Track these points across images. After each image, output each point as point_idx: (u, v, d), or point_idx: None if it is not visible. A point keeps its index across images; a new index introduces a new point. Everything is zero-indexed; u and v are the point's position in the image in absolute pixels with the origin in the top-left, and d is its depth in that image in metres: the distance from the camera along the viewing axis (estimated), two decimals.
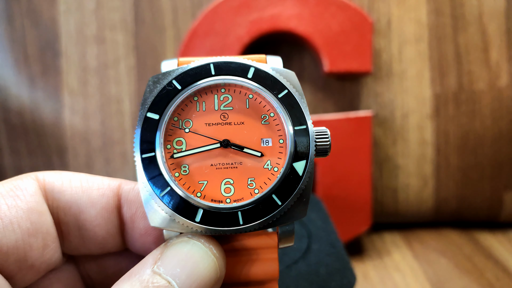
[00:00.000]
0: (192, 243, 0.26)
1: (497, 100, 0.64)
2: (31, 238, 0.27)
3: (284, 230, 0.28)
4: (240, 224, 0.26)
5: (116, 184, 0.30)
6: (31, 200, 0.27)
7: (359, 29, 0.62)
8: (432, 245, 0.65)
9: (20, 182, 0.28)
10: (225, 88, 0.29)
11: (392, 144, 0.66)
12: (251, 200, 0.27)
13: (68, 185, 0.29)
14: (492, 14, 0.64)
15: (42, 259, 0.27)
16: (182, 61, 0.30)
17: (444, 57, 0.64)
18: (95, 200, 0.29)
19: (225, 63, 0.29)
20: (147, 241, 0.30)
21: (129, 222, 0.30)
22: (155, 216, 0.27)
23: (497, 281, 0.55)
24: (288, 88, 0.28)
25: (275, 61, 0.31)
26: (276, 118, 0.29)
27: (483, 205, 0.68)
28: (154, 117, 0.28)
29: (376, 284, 0.57)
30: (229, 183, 0.28)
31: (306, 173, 0.27)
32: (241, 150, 0.28)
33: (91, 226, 0.29)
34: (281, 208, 0.27)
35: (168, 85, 0.28)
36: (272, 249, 0.29)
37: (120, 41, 0.66)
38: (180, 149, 0.28)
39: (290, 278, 0.45)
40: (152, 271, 0.24)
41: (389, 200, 0.67)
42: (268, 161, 0.28)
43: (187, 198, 0.26)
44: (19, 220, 0.26)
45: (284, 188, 0.27)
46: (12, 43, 0.66)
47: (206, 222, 0.26)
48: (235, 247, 0.28)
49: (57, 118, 0.66)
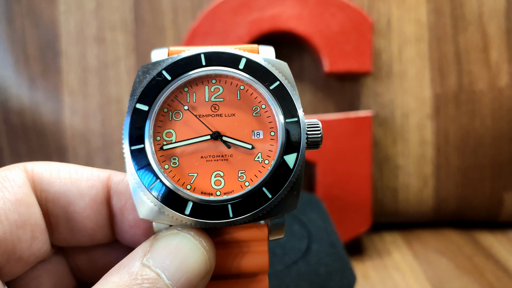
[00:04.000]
0: (181, 235, 0.26)
1: (497, 100, 0.64)
2: (19, 230, 0.26)
3: (274, 222, 0.28)
4: (230, 217, 0.26)
5: (106, 175, 0.30)
6: (19, 192, 0.27)
7: (359, 29, 0.62)
8: (432, 245, 0.65)
9: (8, 173, 0.27)
10: (216, 79, 0.28)
11: (392, 144, 0.66)
12: (241, 193, 0.26)
13: (56, 176, 0.29)
14: (492, 14, 0.64)
15: (30, 251, 0.27)
16: (173, 50, 0.29)
17: (444, 57, 0.64)
18: (84, 191, 0.29)
19: (216, 54, 0.28)
20: (136, 233, 0.30)
21: (119, 214, 0.30)
22: (144, 208, 0.27)
23: (497, 281, 0.55)
24: (280, 80, 0.28)
25: (268, 51, 0.30)
26: (267, 110, 0.28)
27: (483, 205, 0.68)
28: (144, 108, 0.27)
29: (376, 284, 0.57)
30: (219, 176, 0.28)
31: (297, 165, 0.27)
32: (231, 144, 0.28)
33: (80, 218, 0.29)
34: (272, 201, 0.26)
35: (157, 76, 0.28)
36: (262, 242, 0.28)
37: (120, 41, 0.66)
38: (170, 141, 0.28)
39: (290, 278, 0.45)
40: (141, 264, 0.24)
41: (389, 200, 0.67)
42: (259, 154, 0.28)
43: (176, 191, 0.26)
44: (7, 212, 0.26)
45: (274, 180, 0.27)
46: (12, 43, 0.66)
47: (195, 215, 0.26)
48: (225, 240, 0.28)
49: (57, 118, 0.66)
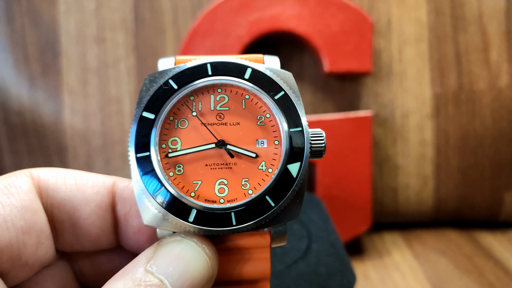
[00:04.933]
0: (185, 242, 0.26)
1: (497, 100, 0.65)
2: (25, 236, 0.27)
3: (277, 230, 0.28)
4: (233, 224, 0.26)
5: (111, 182, 0.30)
6: (25, 198, 0.27)
7: (359, 29, 0.62)
8: (432, 245, 0.65)
9: (14, 179, 0.28)
10: (221, 88, 0.29)
11: (392, 144, 0.66)
12: (244, 201, 0.27)
13: (62, 182, 0.29)
14: (492, 14, 0.64)
15: (35, 257, 0.27)
16: (179, 59, 0.30)
17: (444, 57, 0.64)
18: (90, 197, 0.29)
19: (222, 63, 0.29)
20: (140, 239, 0.30)
21: (123, 220, 0.30)
22: (148, 214, 0.27)
23: (497, 281, 0.55)
24: (285, 90, 0.28)
25: (273, 61, 0.30)
26: (272, 119, 0.29)
27: (483, 205, 0.68)
28: (150, 116, 0.28)
29: (376, 284, 0.57)
30: (223, 184, 0.28)
31: (300, 174, 0.27)
32: (235, 152, 0.28)
33: (85, 224, 0.29)
34: (275, 209, 0.27)
35: (164, 85, 0.28)
36: (264, 249, 0.29)
37: (120, 41, 0.66)
38: (175, 149, 0.28)
39: (290, 278, 0.45)
40: (144, 270, 0.24)
41: (389, 200, 0.67)
42: (263, 162, 0.28)
43: (180, 198, 0.26)
44: (13, 218, 0.26)
45: (278, 189, 0.27)
46: (12, 43, 0.66)
47: (199, 222, 0.26)
48: (228, 246, 0.28)
49: (57, 118, 0.66)
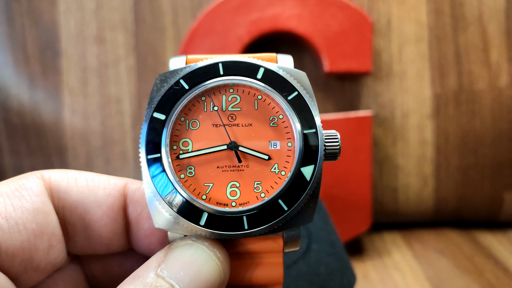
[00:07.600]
0: (196, 246, 0.25)
1: (497, 100, 0.64)
2: (37, 239, 0.26)
3: (290, 234, 0.28)
4: (245, 228, 0.26)
5: (122, 184, 0.29)
6: (36, 201, 0.27)
7: (359, 29, 0.62)
8: (432, 245, 0.65)
9: (25, 181, 0.27)
10: (233, 89, 0.28)
11: (392, 144, 0.66)
12: (257, 205, 0.26)
13: (74, 184, 0.28)
14: (492, 14, 0.64)
15: (47, 260, 0.27)
16: (191, 58, 0.29)
17: (444, 57, 0.64)
18: (101, 200, 0.29)
19: (234, 63, 0.28)
20: (152, 241, 0.30)
21: (134, 223, 0.29)
22: (160, 217, 0.26)
23: (497, 281, 0.55)
24: (298, 90, 0.27)
25: (286, 60, 0.29)
26: (285, 120, 0.28)
27: (483, 205, 0.68)
28: (161, 117, 0.27)
29: (376, 284, 0.57)
30: (235, 186, 0.27)
31: (314, 178, 0.26)
32: (247, 154, 0.27)
33: (97, 226, 0.29)
34: (288, 213, 0.26)
35: (175, 85, 0.27)
36: (277, 253, 0.28)
37: (120, 41, 0.66)
38: (186, 150, 0.27)
39: (290, 278, 0.45)
40: (155, 274, 0.24)
41: (389, 200, 0.67)
42: (276, 165, 0.27)
43: (191, 201, 0.26)
44: (25, 221, 0.26)
45: (291, 193, 0.26)
46: (12, 43, 0.66)
47: (210, 226, 0.26)
48: (240, 251, 0.28)
49: (57, 118, 0.66)
